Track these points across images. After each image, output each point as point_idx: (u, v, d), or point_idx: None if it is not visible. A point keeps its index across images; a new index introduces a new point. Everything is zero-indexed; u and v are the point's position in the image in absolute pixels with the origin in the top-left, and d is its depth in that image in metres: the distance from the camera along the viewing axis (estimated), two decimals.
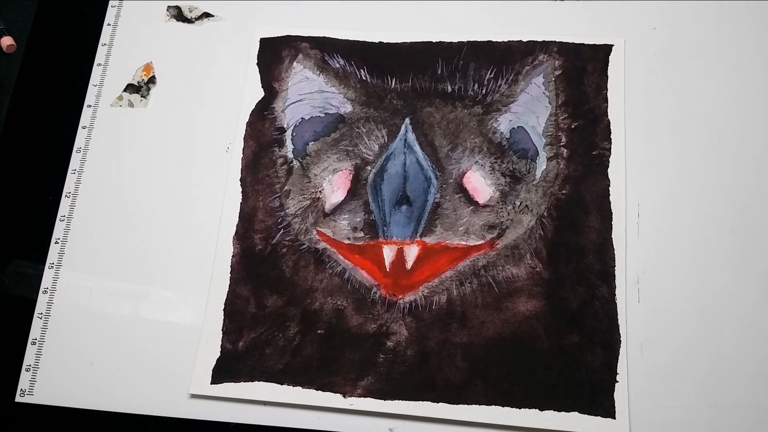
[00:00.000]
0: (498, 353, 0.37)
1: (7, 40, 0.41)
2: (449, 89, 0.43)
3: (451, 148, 0.41)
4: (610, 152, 0.41)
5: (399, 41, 0.44)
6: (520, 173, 0.41)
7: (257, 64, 0.44)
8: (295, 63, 0.45)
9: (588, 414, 0.36)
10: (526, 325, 0.38)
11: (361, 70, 0.44)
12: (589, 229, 0.39)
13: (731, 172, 0.40)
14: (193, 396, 0.38)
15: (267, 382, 0.38)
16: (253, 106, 0.44)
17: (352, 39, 0.45)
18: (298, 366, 0.38)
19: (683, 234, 0.39)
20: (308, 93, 0.44)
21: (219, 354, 0.38)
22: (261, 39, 0.45)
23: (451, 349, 0.38)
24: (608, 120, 0.41)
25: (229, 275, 0.40)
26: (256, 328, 0.39)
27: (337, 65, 0.44)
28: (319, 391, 0.38)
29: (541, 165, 0.41)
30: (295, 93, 0.44)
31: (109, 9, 0.48)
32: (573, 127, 0.42)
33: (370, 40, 0.45)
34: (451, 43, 0.44)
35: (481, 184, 0.41)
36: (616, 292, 0.38)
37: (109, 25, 0.48)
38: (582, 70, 0.43)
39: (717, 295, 0.38)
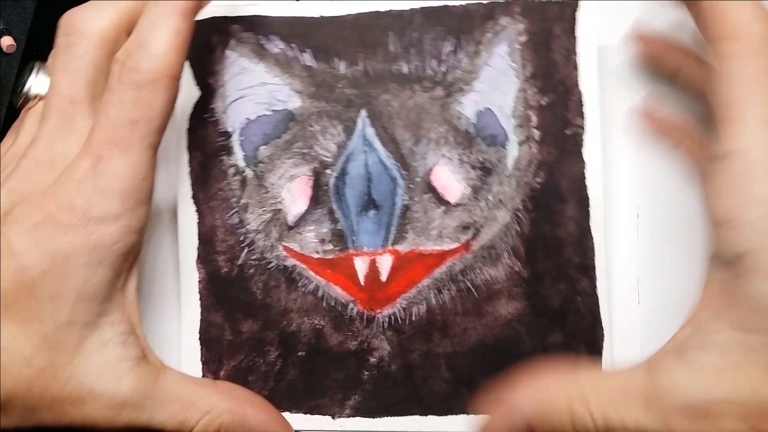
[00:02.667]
0: (482, 360, 0.33)
1: (7, 40, 0.36)
2: (405, 69, 0.35)
3: (415, 142, 0.34)
4: (584, 130, 0.34)
5: (343, 13, 0.35)
6: (491, 163, 0.34)
7: (186, 56, 0.35)
8: (227, 51, 0.35)
9: None
10: (508, 328, 0.33)
11: (305, 54, 0.35)
12: (567, 219, 0.34)
13: None
14: None
15: None
16: (191, 110, 0.35)
17: (289, 15, 0.35)
18: (283, 391, 0.34)
19: (684, 229, 0.34)
20: (249, 87, 0.35)
21: None
22: None
23: (434, 360, 0.33)
24: (580, 91, 0.34)
25: (199, 302, 0.34)
26: (235, 356, 0.34)
27: (277, 50, 0.35)
28: (308, 415, 0.34)
29: (512, 151, 0.34)
30: (234, 88, 0.35)
31: None
32: (544, 103, 0.34)
33: (309, 15, 0.35)
34: (402, 11, 0.35)
35: (450, 180, 0.34)
36: (597, 284, 0.33)
37: None
38: (549, 34, 0.34)
39: None
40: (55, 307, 0.26)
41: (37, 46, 0.42)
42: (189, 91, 0.35)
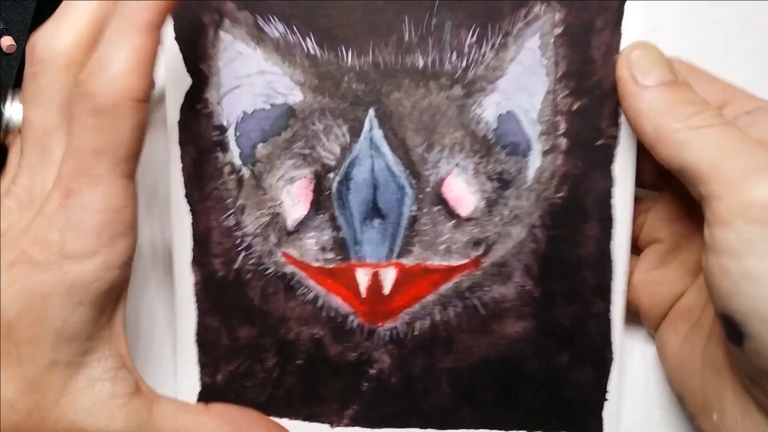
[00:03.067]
0: (485, 377, 0.32)
1: (7, 40, 0.35)
2: (420, 63, 0.30)
3: (427, 148, 0.30)
4: (617, 142, 0.30)
5: None
6: (510, 175, 0.31)
7: (175, 38, 0.31)
8: (221, 32, 0.31)
9: None
10: (514, 347, 0.32)
11: (308, 39, 0.30)
12: (587, 239, 0.31)
13: None
14: None
15: None
16: (182, 99, 0.31)
17: None
18: (281, 398, 0.33)
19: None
20: (245, 75, 0.31)
21: (200, 388, 0.33)
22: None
23: (436, 375, 0.32)
24: (617, 97, 0.29)
25: (195, 305, 0.32)
26: (232, 361, 0.33)
27: (276, 33, 0.30)
28: (306, 422, 0.33)
29: (534, 162, 0.31)
30: (229, 76, 0.31)
31: None
32: (574, 108, 0.30)
33: None
34: None
35: (463, 192, 0.31)
36: (611, 308, 0.31)
37: None
38: (589, 27, 0.29)
39: None
40: (34, 349, 0.24)
41: None
42: (180, 79, 0.31)
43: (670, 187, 0.30)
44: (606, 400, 0.31)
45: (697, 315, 0.29)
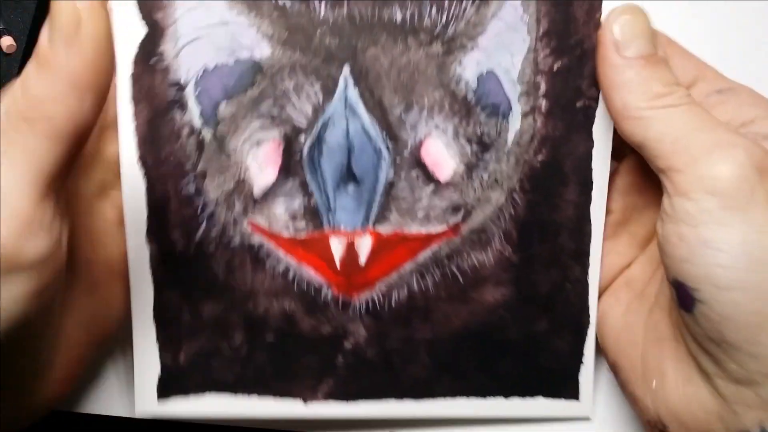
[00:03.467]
0: (464, 346, 0.31)
1: (7, 41, 0.34)
2: (398, 17, 0.29)
3: (405, 108, 0.29)
4: (597, 103, 0.30)
5: None
6: (489, 137, 0.30)
7: None
8: None
9: (552, 397, 0.32)
10: (493, 315, 0.31)
11: None
12: (566, 203, 0.30)
13: None
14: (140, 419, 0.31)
15: (218, 392, 0.31)
16: (135, 51, 0.29)
17: None
18: (251, 376, 0.31)
19: None
20: (206, 26, 0.29)
21: (159, 369, 0.31)
22: None
23: (414, 346, 0.31)
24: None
25: (152, 279, 0.30)
26: (195, 339, 0.31)
27: None
28: (277, 397, 0.31)
29: (514, 124, 0.30)
30: (188, 27, 0.29)
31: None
32: (555, 68, 0.29)
33: None
34: None
35: (442, 155, 0.30)
36: (589, 271, 0.31)
37: None
38: None
39: None
40: None
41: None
42: (131, 28, 0.28)
43: (627, 158, 0.30)
44: (582, 363, 0.31)
45: (641, 286, 0.30)
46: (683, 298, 0.25)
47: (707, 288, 0.24)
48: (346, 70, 0.28)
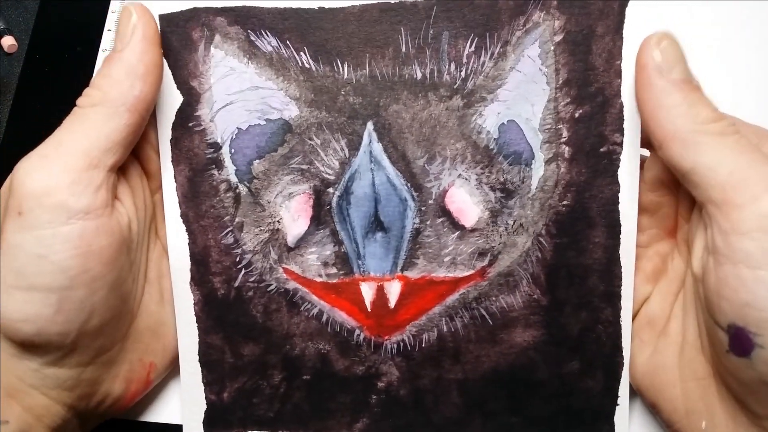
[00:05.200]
0: (495, 387, 0.34)
1: (8, 40, 0.39)
2: (419, 74, 0.32)
3: (428, 160, 0.32)
4: (622, 148, 0.32)
5: (346, 4, 0.31)
6: (513, 184, 0.32)
7: (164, 56, 0.32)
8: (212, 48, 0.32)
9: None
10: (523, 356, 0.34)
11: (302, 53, 0.32)
12: (594, 246, 0.33)
13: None
14: None
15: (260, 428, 0.35)
16: (174, 117, 0.33)
17: (282, 6, 0.32)
18: (289, 413, 0.35)
19: None
20: (239, 92, 0.33)
21: (205, 406, 0.35)
22: (160, 16, 0.32)
23: (445, 385, 0.34)
24: (621, 103, 0.31)
25: (196, 324, 0.35)
26: (237, 378, 0.35)
27: (269, 48, 0.32)
28: None
29: (538, 171, 0.32)
30: (222, 93, 0.33)
31: (110, 15, 0.44)
32: (577, 116, 0.32)
33: (306, 6, 0.32)
34: (416, 3, 0.31)
35: (466, 203, 0.33)
36: (621, 314, 0.33)
37: (109, 30, 0.44)
38: (590, 33, 0.31)
39: None
40: None
41: (40, 47, 0.44)
42: (171, 96, 0.32)
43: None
44: (617, 405, 0.33)
45: (663, 323, 0.32)
46: (740, 342, 0.26)
47: None
48: (369, 126, 0.32)
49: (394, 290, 0.33)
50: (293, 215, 0.33)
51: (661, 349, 0.31)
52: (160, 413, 0.37)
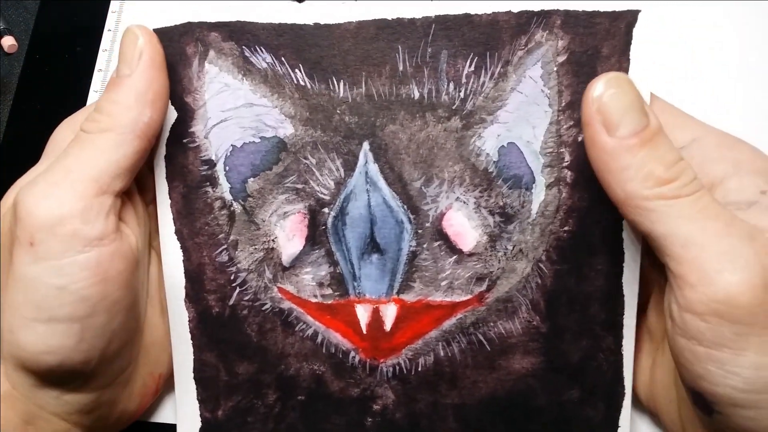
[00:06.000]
0: (493, 413, 0.34)
1: (8, 40, 0.39)
2: (416, 94, 0.31)
3: (425, 182, 0.32)
4: None
5: (342, 21, 0.31)
6: (512, 209, 0.32)
7: None
8: (207, 64, 0.32)
9: None
10: (521, 383, 0.34)
11: (297, 71, 0.32)
12: (596, 273, 0.32)
13: None
14: None
15: None
16: (167, 134, 0.33)
17: (277, 22, 0.32)
18: None
19: None
20: (233, 108, 0.33)
21: (200, 423, 0.36)
22: (154, 30, 0.32)
23: (441, 410, 0.35)
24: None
25: (191, 342, 0.35)
26: (232, 396, 0.35)
27: (264, 64, 0.32)
28: None
29: (539, 196, 0.32)
30: (216, 109, 0.33)
31: (110, 15, 0.45)
32: (580, 139, 0.31)
33: (302, 22, 0.32)
34: (414, 20, 0.31)
35: (464, 227, 0.32)
36: (623, 342, 0.33)
37: (109, 30, 0.44)
38: (595, 54, 0.30)
39: None
40: None
41: (40, 47, 0.45)
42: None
43: None
44: None
45: (660, 337, 0.32)
46: (701, 404, 0.26)
47: (724, 404, 0.25)
48: (365, 146, 0.31)
49: (389, 313, 0.33)
50: (288, 234, 0.33)
51: (659, 363, 0.32)
52: (160, 413, 0.37)
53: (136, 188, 0.33)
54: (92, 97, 0.44)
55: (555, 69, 0.30)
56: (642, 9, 0.29)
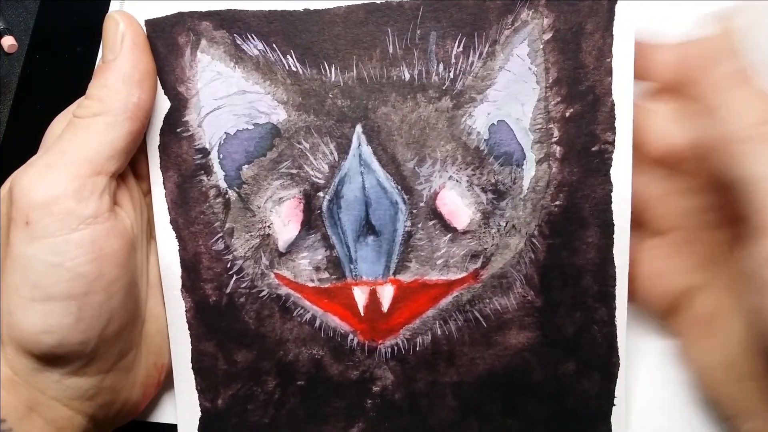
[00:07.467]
0: (490, 389, 0.36)
1: (8, 40, 0.40)
2: (407, 76, 0.33)
3: (418, 162, 0.34)
4: (614, 146, 0.33)
5: (331, 6, 0.33)
6: (504, 185, 0.34)
7: None
8: (199, 53, 0.34)
9: None
10: (518, 358, 0.36)
11: (288, 57, 0.34)
12: (588, 246, 0.34)
13: None
14: None
15: None
16: (162, 123, 0.35)
17: (267, 9, 0.33)
18: (284, 419, 0.37)
19: None
20: (226, 96, 0.34)
21: (200, 413, 0.37)
22: (145, 22, 0.34)
23: (440, 389, 0.36)
24: (612, 101, 0.33)
25: (188, 332, 0.37)
26: (231, 385, 0.37)
27: (255, 51, 0.34)
28: None
29: (529, 171, 0.34)
30: (209, 98, 0.34)
31: None
32: (568, 115, 0.33)
33: (292, 8, 0.33)
34: (403, 3, 0.33)
35: (458, 205, 0.34)
36: (616, 314, 0.35)
37: None
38: (579, 31, 0.33)
39: None
40: None
41: (40, 47, 0.46)
42: (158, 102, 0.34)
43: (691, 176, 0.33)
44: (614, 405, 0.35)
45: (720, 322, 0.33)
46: None
47: None
48: (358, 129, 0.33)
49: (386, 294, 0.35)
50: (284, 220, 0.35)
51: (719, 347, 0.33)
52: (160, 413, 0.39)
53: (133, 176, 0.34)
54: None
55: (541, 47, 0.32)
56: None
